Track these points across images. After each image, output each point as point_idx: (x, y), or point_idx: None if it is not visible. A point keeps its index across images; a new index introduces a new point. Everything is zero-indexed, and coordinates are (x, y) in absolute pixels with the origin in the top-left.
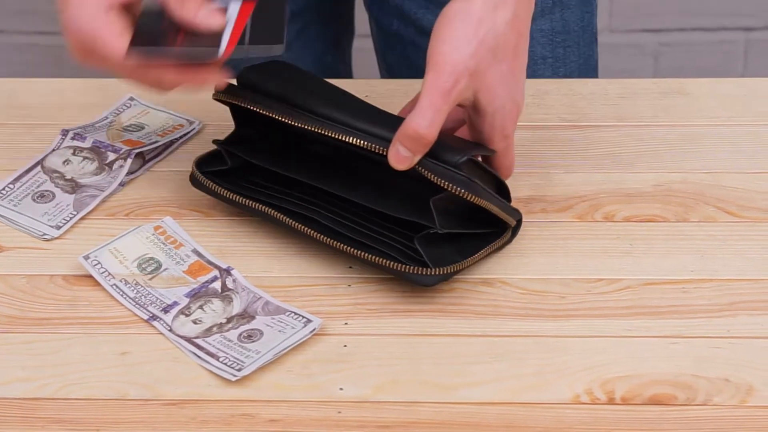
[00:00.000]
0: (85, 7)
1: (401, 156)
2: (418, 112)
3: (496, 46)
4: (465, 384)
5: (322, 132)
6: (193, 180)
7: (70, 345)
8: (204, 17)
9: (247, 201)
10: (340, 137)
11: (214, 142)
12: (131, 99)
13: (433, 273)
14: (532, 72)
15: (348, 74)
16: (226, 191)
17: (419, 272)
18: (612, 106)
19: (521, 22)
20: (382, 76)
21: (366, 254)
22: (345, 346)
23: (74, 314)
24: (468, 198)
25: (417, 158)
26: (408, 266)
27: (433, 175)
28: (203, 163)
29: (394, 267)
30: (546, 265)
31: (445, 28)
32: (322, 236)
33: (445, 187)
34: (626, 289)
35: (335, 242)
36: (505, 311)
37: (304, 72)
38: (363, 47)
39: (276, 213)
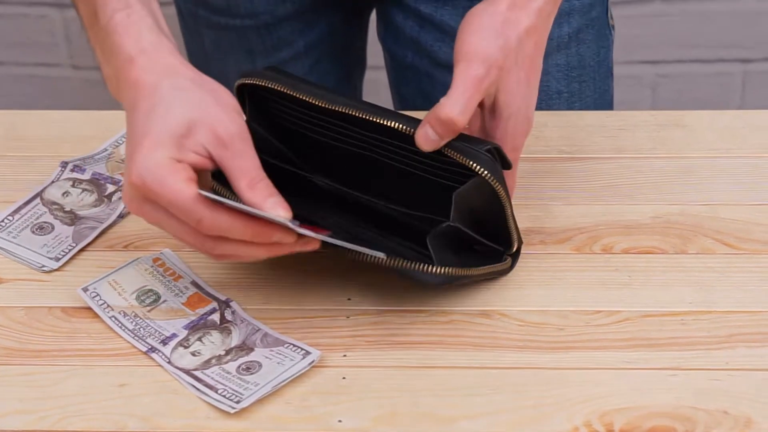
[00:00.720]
0: (153, 154)
1: (429, 138)
2: (451, 98)
3: (518, 49)
4: (464, 416)
5: (350, 112)
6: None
7: (68, 377)
8: (272, 205)
9: None
10: (368, 117)
11: None
12: None
13: (438, 272)
14: (548, 106)
15: None
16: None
17: (425, 270)
18: (610, 138)
19: (540, 35)
20: (396, 108)
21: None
22: (344, 378)
23: (73, 346)
24: (491, 181)
25: (442, 143)
26: (415, 264)
27: (459, 155)
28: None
29: (401, 265)
30: (544, 297)
31: (473, 22)
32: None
33: (470, 166)
34: (625, 321)
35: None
36: (504, 343)
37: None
38: (373, 78)
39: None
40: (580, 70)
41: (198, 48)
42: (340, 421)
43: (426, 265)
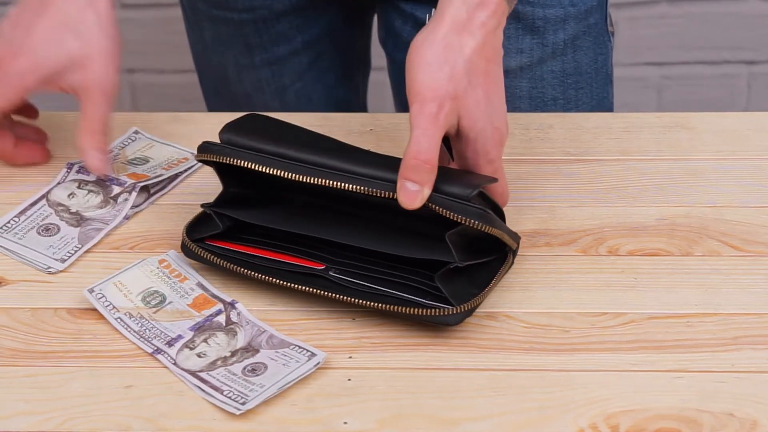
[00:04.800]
0: (24, 78)
1: (411, 192)
2: (412, 143)
3: (467, 71)
4: (468, 418)
5: (323, 183)
6: (185, 249)
7: (73, 378)
8: (91, 156)
9: (246, 271)
10: (342, 186)
11: (203, 206)
12: (136, 132)
13: (457, 311)
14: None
15: (362, 108)
16: (222, 261)
17: (443, 313)
18: (616, 140)
19: (490, 50)
20: (397, 111)
21: (381, 305)
22: (349, 379)
23: (78, 347)
24: (483, 229)
25: (426, 191)
26: (430, 309)
27: (447, 211)
28: (194, 230)
29: (415, 312)
30: (550, 299)
31: (416, 57)
32: (329, 293)
33: (460, 221)
34: (630, 323)
35: (345, 297)
36: (509, 345)
37: (285, 123)
38: (380, 80)
39: (278, 280)
40: (576, 76)
41: (198, 40)
42: (345, 422)
43: (447, 308)
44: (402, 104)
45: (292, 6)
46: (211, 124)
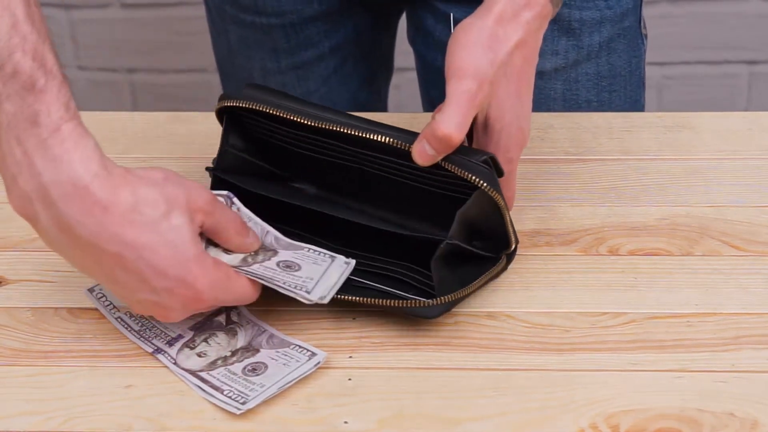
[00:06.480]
0: (213, 268)
1: (426, 153)
2: (446, 115)
3: (506, 63)
4: (469, 418)
5: (344, 131)
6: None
7: (74, 378)
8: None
9: None
10: (362, 134)
11: (208, 169)
12: None
13: (436, 303)
14: None
15: (382, 111)
16: None
17: (421, 305)
18: (616, 139)
19: (530, 49)
20: (425, 110)
21: (361, 298)
22: (349, 379)
23: (79, 347)
24: (489, 192)
25: (440, 158)
26: (408, 301)
27: (456, 168)
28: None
29: (393, 304)
30: (551, 299)
31: (462, 38)
32: None
33: (468, 179)
34: (631, 323)
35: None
36: (510, 345)
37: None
38: (397, 83)
39: None
40: (610, 79)
41: (224, 44)
42: (345, 422)
43: (426, 301)
44: (430, 103)
45: (321, 11)
46: (211, 124)
